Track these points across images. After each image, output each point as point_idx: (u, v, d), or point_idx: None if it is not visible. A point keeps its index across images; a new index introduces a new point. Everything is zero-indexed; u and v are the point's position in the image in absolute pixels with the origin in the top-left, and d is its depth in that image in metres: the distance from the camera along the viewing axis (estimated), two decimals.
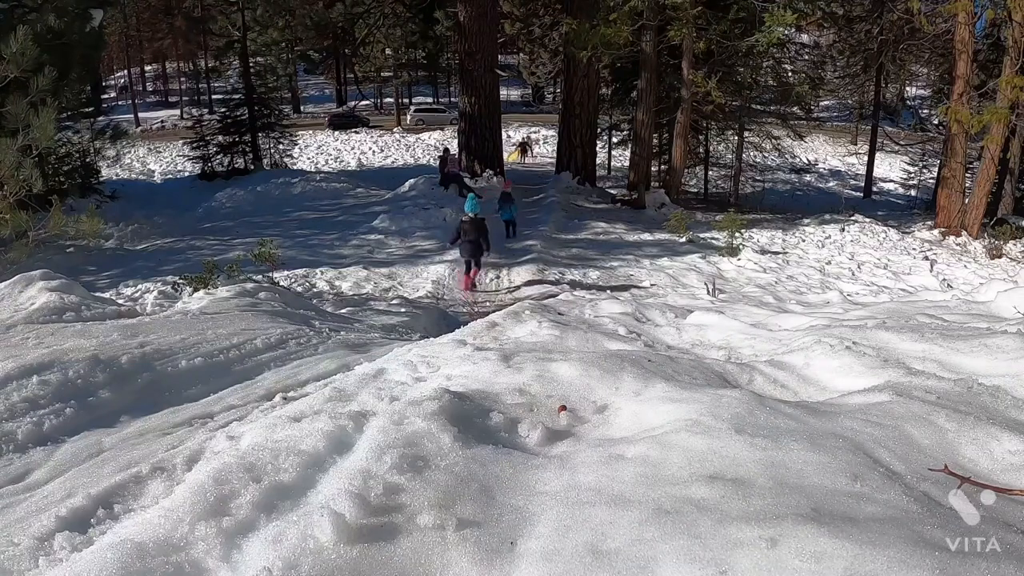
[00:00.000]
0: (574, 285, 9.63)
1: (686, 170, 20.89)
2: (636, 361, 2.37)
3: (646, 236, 13.93)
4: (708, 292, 8.71)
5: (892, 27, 20.57)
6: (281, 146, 23.66)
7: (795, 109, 23.37)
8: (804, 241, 14.35)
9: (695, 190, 23.30)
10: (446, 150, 18.81)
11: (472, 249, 8.97)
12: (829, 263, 12.39)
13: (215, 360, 3.05)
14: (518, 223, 13.16)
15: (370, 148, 29.05)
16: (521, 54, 34.04)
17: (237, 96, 22.83)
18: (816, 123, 28.44)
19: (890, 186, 27.09)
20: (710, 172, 24.15)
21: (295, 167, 23.19)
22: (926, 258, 13.00)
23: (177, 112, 37.62)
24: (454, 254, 11.05)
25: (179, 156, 25.74)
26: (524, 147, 26.14)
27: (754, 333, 3.74)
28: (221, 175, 21.55)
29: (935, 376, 2.25)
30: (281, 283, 8.08)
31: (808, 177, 26.64)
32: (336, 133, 31.85)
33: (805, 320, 4.23)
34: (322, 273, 10.11)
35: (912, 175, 25.60)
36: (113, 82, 44.51)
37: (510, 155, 22.77)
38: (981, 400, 1.95)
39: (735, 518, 1.25)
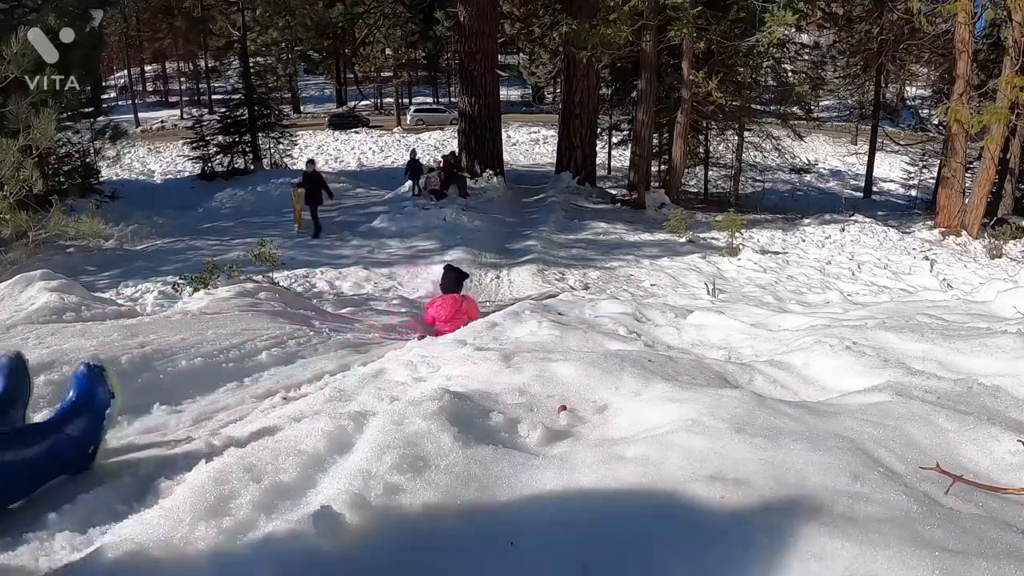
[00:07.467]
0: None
1: (686, 170, 20.89)
2: (636, 361, 2.37)
3: (646, 236, 13.93)
4: (708, 292, 8.71)
5: (892, 27, 20.58)
6: (281, 146, 23.65)
7: (795, 109, 23.37)
8: (804, 241, 14.35)
9: (695, 190, 23.31)
10: (439, 163, 17.53)
11: None
12: (829, 263, 12.39)
13: (215, 360, 3.04)
14: (518, 223, 13.19)
15: (370, 148, 29.04)
16: (521, 54, 34.03)
17: (237, 96, 22.83)
18: (816, 123, 28.45)
19: (890, 186, 27.09)
20: (710, 172, 24.16)
21: (295, 167, 23.25)
22: (926, 258, 13.00)
23: (177, 112, 37.62)
24: (453, 254, 11.07)
25: (179, 156, 25.74)
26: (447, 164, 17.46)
27: (754, 333, 3.74)
28: (221, 175, 21.56)
29: (935, 376, 2.25)
30: (281, 283, 8.09)
31: (808, 177, 26.63)
32: (336, 133, 31.83)
33: (805, 320, 4.23)
34: (322, 273, 10.11)
35: (912, 175, 25.59)
36: (113, 82, 44.48)
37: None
38: (981, 400, 1.95)
39: (735, 518, 1.25)
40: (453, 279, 5.82)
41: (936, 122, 23.16)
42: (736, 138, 22.61)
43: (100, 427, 1.77)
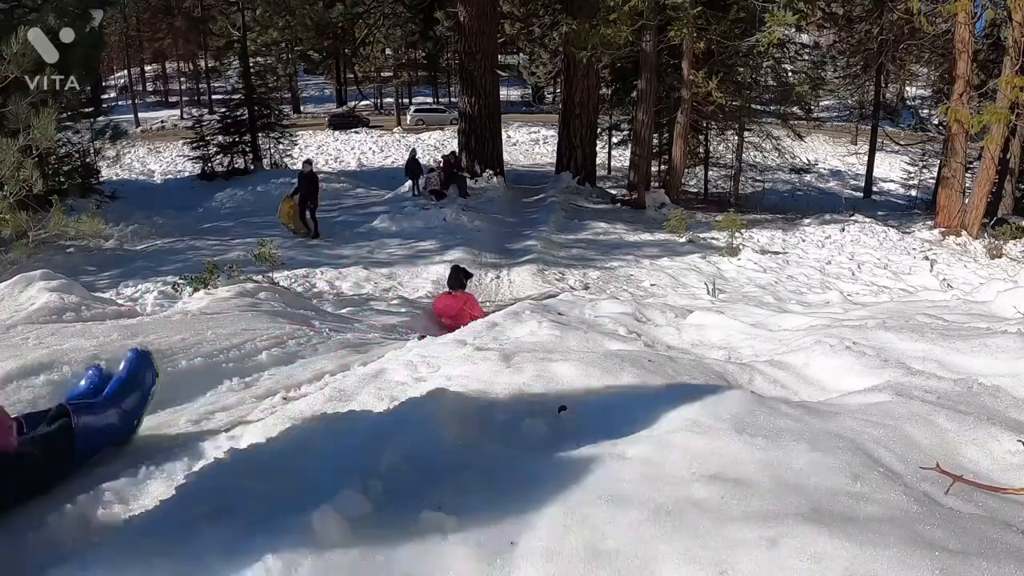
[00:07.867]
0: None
1: (686, 170, 20.91)
2: (636, 361, 2.36)
3: (646, 236, 13.94)
4: (708, 292, 8.71)
5: (892, 27, 20.59)
6: (281, 146, 23.65)
7: (795, 109, 23.39)
8: (804, 241, 14.36)
9: (695, 190, 23.33)
10: (438, 163, 17.64)
11: None
12: (829, 263, 12.39)
13: (215, 360, 3.04)
14: (518, 223, 13.19)
15: (370, 148, 29.06)
16: (521, 54, 34.03)
17: (237, 96, 22.85)
18: (816, 123, 28.46)
19: (890, 186, 27.11)
20: (710, 172, 24.18)
21: (295, 167, 23.27)
22: (926, 258, 13.01)
23: (177, 112, 37.64)
24: (453, 254, 11.08)
25: (179, 156, 25.76)
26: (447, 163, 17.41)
27: (754, 333, 3.73)
28: (221, 175, 21.57)
29: (935, 376, 2.24)
30: (281, 283, 8.08)
31: (808, 177, 26.65)
32: (336, 133, 31.85)
33: (805, 320, 4.23)
34: (322, 273, 10.11)
35: (912, 175, 25.60)
36: (113, 82, 44.50)
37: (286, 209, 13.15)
38: (981, 400, 1.95)
39: (735, 518, 1.25)
40: (458, 278, 6.40)
41: (936, 122, 23.18)
42: (736, 138, 22.62)
43: (145, 403, 2.01)
